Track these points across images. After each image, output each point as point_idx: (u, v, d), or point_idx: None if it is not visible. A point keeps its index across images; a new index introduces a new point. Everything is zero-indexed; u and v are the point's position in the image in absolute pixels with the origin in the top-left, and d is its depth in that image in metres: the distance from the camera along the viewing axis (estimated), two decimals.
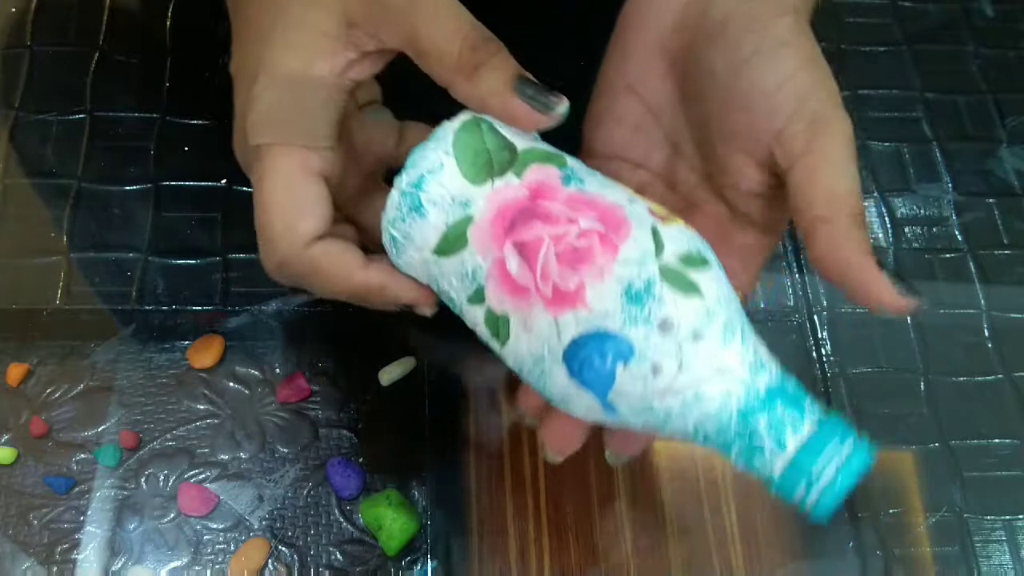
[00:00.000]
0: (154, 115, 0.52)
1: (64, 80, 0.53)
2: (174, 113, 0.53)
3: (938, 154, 0.56)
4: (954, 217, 0.54)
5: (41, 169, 0.51)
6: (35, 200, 0.50)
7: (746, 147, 0.35)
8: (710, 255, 0.33)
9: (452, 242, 0.33)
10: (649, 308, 0.30)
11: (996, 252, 0.53)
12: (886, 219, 0.54)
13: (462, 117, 0.34)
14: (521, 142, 0.34)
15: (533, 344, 0.32)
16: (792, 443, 0.30)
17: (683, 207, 0.38)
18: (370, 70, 0.36)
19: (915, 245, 0.53)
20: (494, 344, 0.34)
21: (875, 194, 0.55)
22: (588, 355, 0.31)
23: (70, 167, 0.51)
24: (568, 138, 0.37)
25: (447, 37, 0.33)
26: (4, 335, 0.47)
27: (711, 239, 0.35)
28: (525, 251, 0.32)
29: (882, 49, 0.60)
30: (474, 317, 0.34)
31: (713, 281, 0.32)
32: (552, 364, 0.32)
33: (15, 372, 0.46)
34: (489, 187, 0.33)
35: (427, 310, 0.38)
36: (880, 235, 0.53)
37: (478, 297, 0.33)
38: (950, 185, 0.55)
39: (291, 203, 0.35)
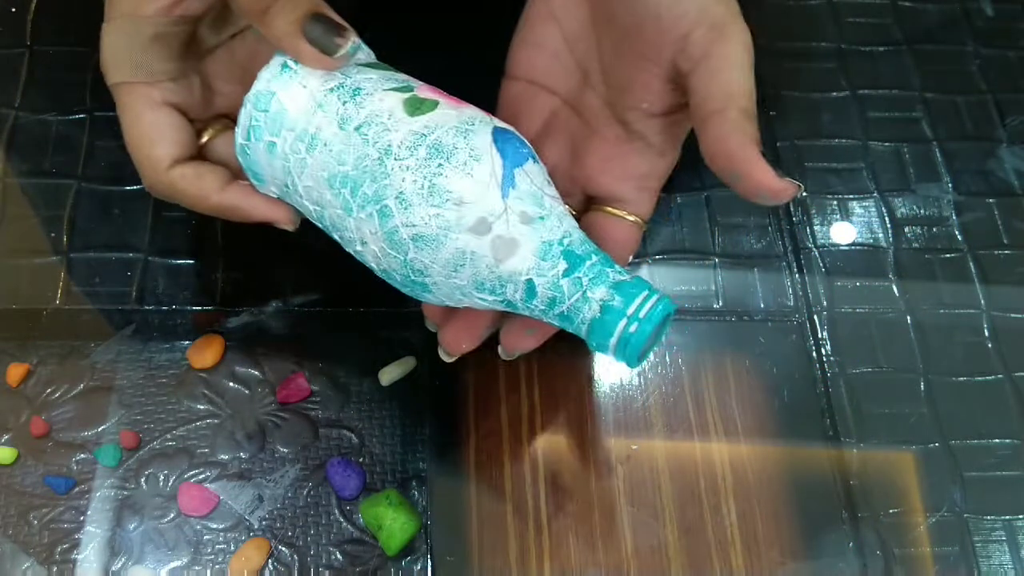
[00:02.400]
0: None
1: (64, 80, 0.53)
2: None
3: (938, 154, 0.56)
4: (954, 217, 0.54)
5: (41, 169, 0.51)
6: (35, 200, 0.50)
7: (653, 58, 0.38)
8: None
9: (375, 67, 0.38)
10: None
11: (996, 252, 0.53)
12: (886, 219, 0.54)
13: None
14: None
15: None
16: (600, 293, 0.35)
17: (586, 132, 0.42)
18: (198, 6, 0.40)
19: (915, 245, 0.53)
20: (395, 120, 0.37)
21: (875, 194, 0.55)
22: None
23: (70, 167, 0.51)
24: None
25: None
26: (4, 335, 0.47)
27: (610, 161, 0.41)
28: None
29: (882, 49, 0.60)
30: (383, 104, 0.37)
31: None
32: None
33: (15, 372, 0.46)
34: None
35: (288, 226, 0.42)
36: (880, 235, 0.53)
37: (404, 87, 0.38)
38: (950, 185, 0.55)
39: (143, 134, 0.40)
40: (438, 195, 0.35)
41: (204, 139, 0.42)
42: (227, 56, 0.43)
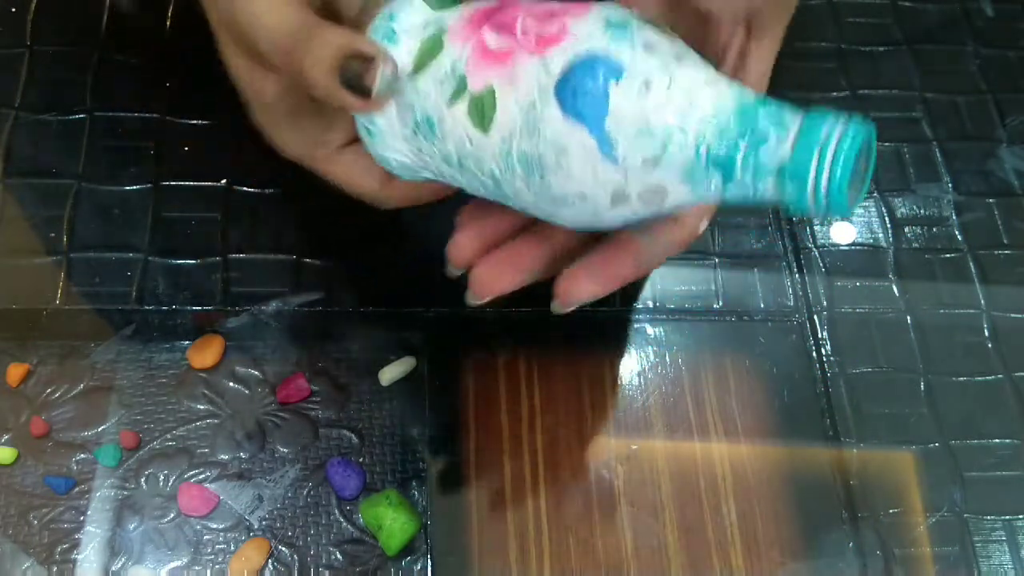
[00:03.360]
0: (154, 115, 0.52)
1: (64, 80, 0.53)
2: (174, 113, 0.53)
3: (938, 154, 0.56)
4: (954, 217, 0.54)
5: (41, 169, 0.51)
6: (35, 200, 0.50)
7: (723, 26, 0.36)
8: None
9: (427, 51, 0.33)
10: (632, 34, 0.31)
11: (996, 252, 0.53)
12: (886, 219, 0.54)
13: None
14: None
15: (522, 98, 0.31)
16: (794, 122, 0.29)
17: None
18: None
19: (915, 245, 0.53)
20: (477, 135, 0.33)
21: (875, 194, 0.55)
22: (580, 79, 0.30)
23: (70, 167, 0.51)
24: None
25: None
26: (4, 335, 0.47)
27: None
28: (503, 27, 0.32)
29: (882, 49, 0.60)
30: (455, 121, 0.33)
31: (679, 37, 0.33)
32: (544, 109, 0.31)
33: (15, 372, 0.46)
34: (456, 10, 0.34)
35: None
36: (880, 235, 0.53)
37: (459, 89, 0.32)
38: (950, 185, 0.55)
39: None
40: (563, 202, 0.32)
41: None
42: None
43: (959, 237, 0.54)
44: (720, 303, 0.50)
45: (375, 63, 0.32)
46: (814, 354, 0.49)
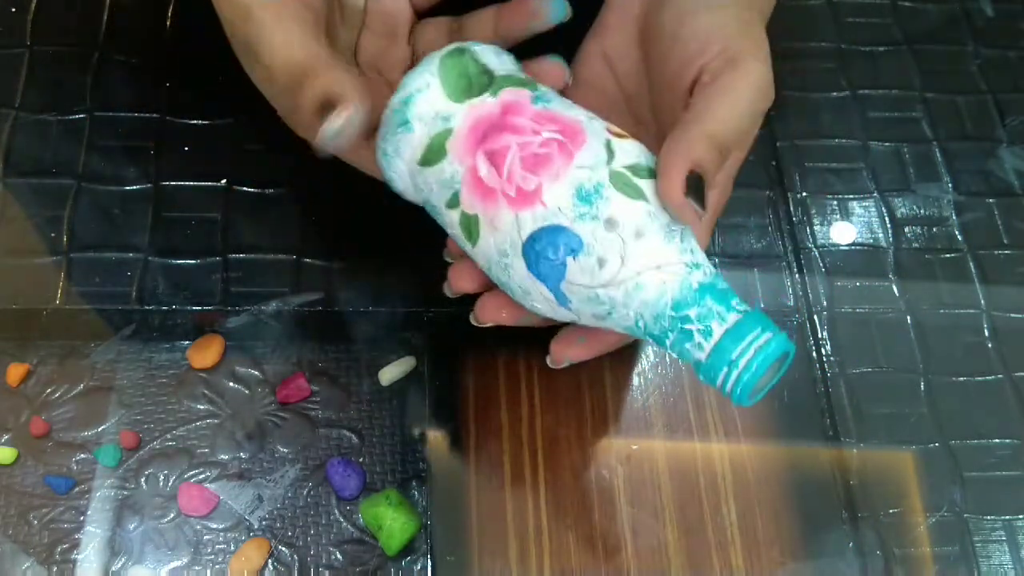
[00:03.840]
0: (154, 115, 0.52)
1: (64, 80, 0.53)
2: (174, 113, 0.53)
3: (938, 154, 0.56)
4: (954, 217, 0.54)
5: (41, 169, 0.51)
6: (35, 200, 0.50)
7: (680, 86, 0.38)
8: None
9: (434, 152, 0.37)
10: (597, 207, 0.34)
11: (996, 252, 0.53)
12: (886, 219, 0.54)
13: (448, 47, 0.38)
14: (500, 69, 0.38)
15: (498, 240, 0.36)
16: (718, 331, 0.34)
17: None
18: None
19: (915, 245, 0.53)
20: (467, 245, 0.38)
21: (875, 194, 0.55)
22: (543, 247, 0.35)
23: (70, 167, 0.51)
24: None
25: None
26: (4, 335, 0.47)
27: None
28: (494, 157, 0.36)
29: (882, 49, 0.60)
30: (451, 220, 0.38)
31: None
32: (514, 258, 0.36)
33: (15, 372, 0.46)
34: (467, 105, 0.37)
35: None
36: (880, 235, 0.53)
37: (454, 201, 0.37)
38: (950, 185, 0.55)
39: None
40: (532, 309, 0.38)
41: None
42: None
43: (959, 237, 0.54)
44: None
45: (333, 113, 0.36)
46: (814, 354, 0.49)
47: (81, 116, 0.52)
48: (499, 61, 0.39)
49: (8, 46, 0.54)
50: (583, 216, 0.34)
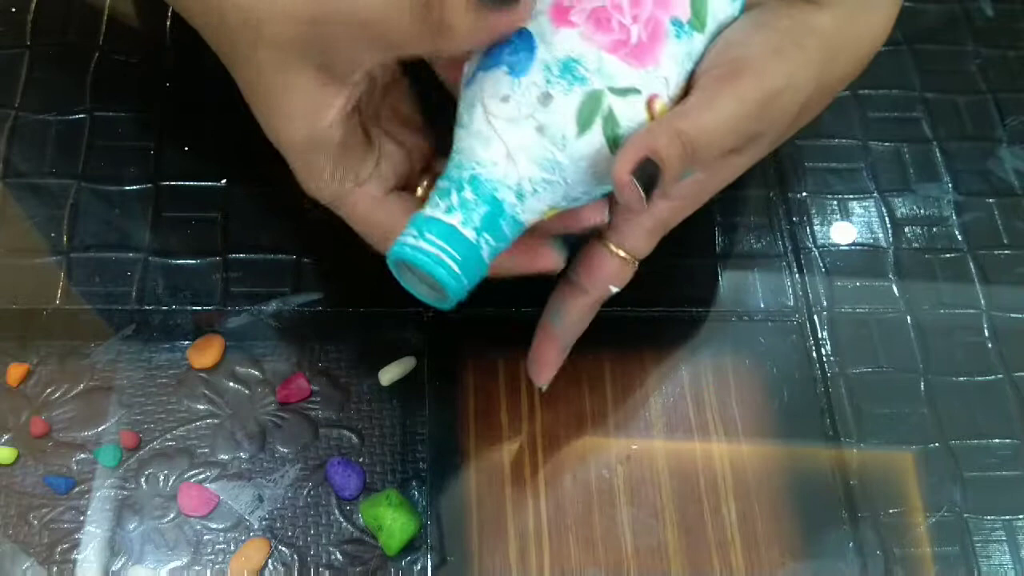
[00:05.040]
0: (154, 115, 0.52)
1: (64, 80, 0.53)
2: (174, 113, 0.53)
3: (938, 154, 0.56)
4: (954, 217, 0.54)
5: (41, 169, 0.51)
6: (35, 200, 0.50)
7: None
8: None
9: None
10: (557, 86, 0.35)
11: (996, 252, 0.53)
12: (886, 219, 0.54)
13: None
14: None
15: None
16: (433, 206, 0.34)
17: None
18: (363, 90, 0.37)
19: (915, 245, 0.53)
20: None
21: (875, 194, 0.55)
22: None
23: (70, 167, 0.51)
24: None
25: (394, 4, 0.33)
26: (4, 335, 0.47)
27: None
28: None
29: (882, 49, 0.60)
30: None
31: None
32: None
33: (15, 372, 0.46)
34: None
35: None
36: (880, 235, 0.53)
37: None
38: (950, 185, 0.55)
39: (382, 222, 0.39)
40: None
41: (420, 193, 0.41)
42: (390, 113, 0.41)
43: (959, 237, 0.54)
44: (720, 303, 0.50)
45: None
46: (814, 354, 0.49)
47: (81, 116, 0.52)
48: None
49: (8, 46, 0.54)
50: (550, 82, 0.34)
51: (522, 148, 0.34)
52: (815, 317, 0.50)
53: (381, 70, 0.40)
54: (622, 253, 0.41)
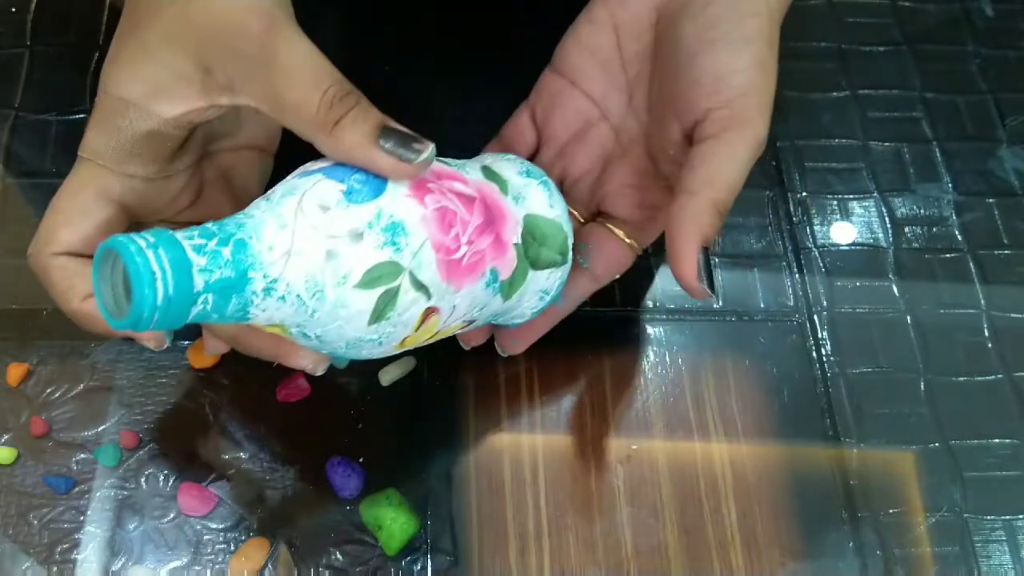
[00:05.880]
0: None
1: (64, 80, 0.53)
2: None
3: (938, 154, 0.56)
4: (954, 217, 0.54)
5: (41, 169, 0.51)
6: (35, 200, 0.50)
7: (681, 114, 0.38)
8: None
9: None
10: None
11: (996, 252, 0.53)
12: (886, 219, 0.54)
13: None
14: None
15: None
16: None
17: (618, 154, 0.43)
18: (213, 116, 0.37)
19: (915, 245, 0.53)
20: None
21: (875, 194, 0.55)
22: None
23: (70, 167, 0.51)
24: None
25: (306, 93, 0.34)
26: (4, 335, 0.47)
27: (630, 188, 0.42)
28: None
29: (882, 49, 0.60)
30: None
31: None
32: None
33: (15, 372, 0.46)
34: None
35: (153, 346, 0.39)
36: (880, 235, 0.53)
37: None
38: (950, 185, 0.55)
39: (65, 210, 0.37)
40: None
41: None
42: (209, 163, 0.41)
43: (959, 237, 0.54)
44: (720, 303, 0.50)
45: (424, 140, 0.34)
46: (814, 354, 0.49)
47: (81, 116, 0.52)
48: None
49: (8, 46, 0.54)
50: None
51: (303, 258, 0.33)
52: (815, 317, 0.50)
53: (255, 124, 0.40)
54: (636, 245, 0.43)
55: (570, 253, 0.41)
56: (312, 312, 0.34)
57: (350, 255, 0.33)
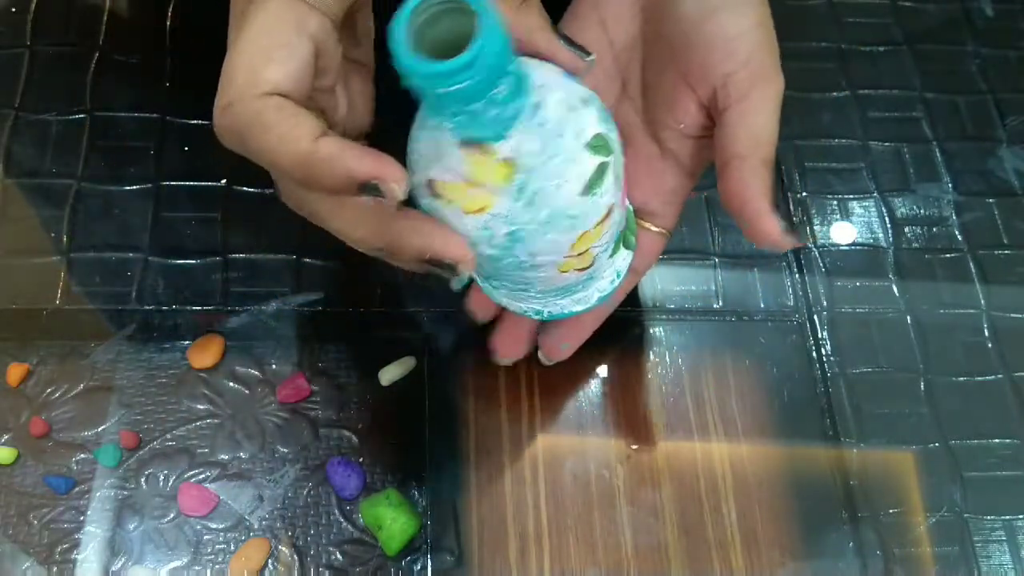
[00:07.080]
0: (154, 115, 0.52)
1: (64, 80, 0.53)
2: (174, 113, 0.53)
3: (938, 154, 0.56)
4: (954, 217, 0.54)
5: (41, 169, 0.51)
6: (35, 200, 0.50)
7: (697, 84, 0.38)
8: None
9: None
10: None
11: (996, 252, 0.53)
12: (886, 219, 0.54)
13: None
14: None
15: None
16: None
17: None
18: None
19: (915, 245, 0.53)
20: None
21: (875, 194, 0.55)
22: None
23: (70, 167, 0.51)
24: None
25: None
26: (4, 335, 0.47)
27: (643, 177, 0.42)
28: None
29: (882, 49, 0.60)
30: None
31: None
32: None
33: (15, 372, 0.46)
34: None
35: (398, 186, 0.31)
36: (880, 235, 0.53)
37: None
38: (950, 185, 0.55)
39: (267, 46, 0.31)
40: None
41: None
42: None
43: (959, 237, 0.54)
44: (720, 303, 0.50)
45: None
46: (814, 354, 0.49)
47: (81, 116, 0.52)
48: None
49: (8, 46, 0.54)
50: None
51: (556, 96, 0.33)
52: (815, 317, 0.50)
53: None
54: (666, 231, 0.43)
55: (634, 240, 0.41)
56: (550, 158, 0.32)
57: (584, 115, 0.34)
